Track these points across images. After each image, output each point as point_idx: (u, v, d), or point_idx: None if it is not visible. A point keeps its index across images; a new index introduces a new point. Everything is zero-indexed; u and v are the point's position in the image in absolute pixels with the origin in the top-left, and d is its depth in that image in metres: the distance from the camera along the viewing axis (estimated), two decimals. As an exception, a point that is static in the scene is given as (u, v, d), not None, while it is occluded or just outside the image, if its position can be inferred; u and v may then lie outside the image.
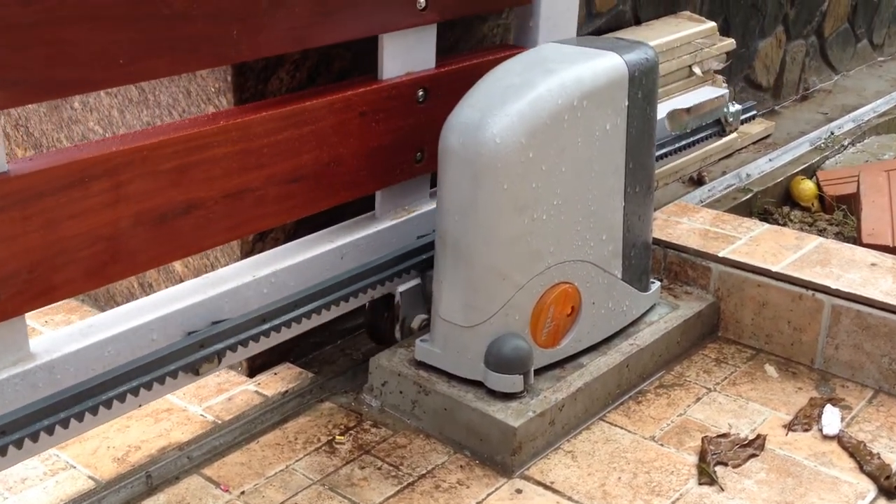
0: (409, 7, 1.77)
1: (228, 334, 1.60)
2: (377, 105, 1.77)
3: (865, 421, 1.86)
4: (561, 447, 1.76)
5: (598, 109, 1.75)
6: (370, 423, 1.82)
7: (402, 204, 1.94)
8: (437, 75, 1.88)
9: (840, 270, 2.05)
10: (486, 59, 1.97)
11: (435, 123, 1.82)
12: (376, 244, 1.87)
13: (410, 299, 1.94)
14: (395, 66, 1.81)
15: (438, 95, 1.88)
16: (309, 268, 1.76)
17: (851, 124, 3.59)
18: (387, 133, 1.81)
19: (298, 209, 1.72)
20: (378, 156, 1.81)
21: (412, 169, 1.90)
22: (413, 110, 1.84)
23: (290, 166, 1.66)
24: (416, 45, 1.84)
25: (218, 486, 1.64)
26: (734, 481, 1.68)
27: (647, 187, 1.93)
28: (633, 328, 2.00)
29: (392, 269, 1.87)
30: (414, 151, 1.88)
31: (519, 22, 2.10)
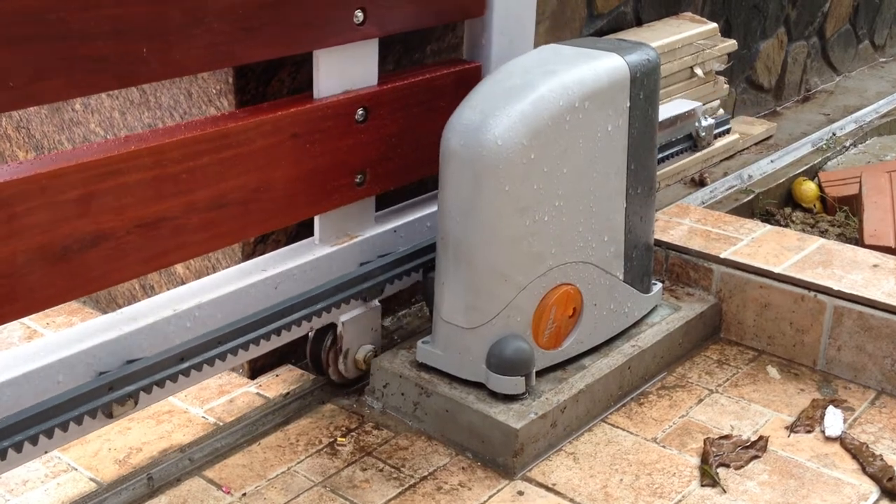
0: (345, 22, 1.67)
1: (142, 375, 1.50)
2: (311, 126, 1.67)
3: (868, 422, 1.86)
4: (563, 449, 1.76)
5: (600, 111, 1.75)
6: (372, 425, 1.82)
7: (344, 229, 1.84)
8: (380, 93, 1.78)
9: (842, 272, 2.05)
10: (436, 74, 1.88)
11: (377, 144, 1.79)
12: (315, 272, 1.77)
13: (355, 329, 1.86)
14: (331, 84, 1.71)
15: (381, 114, 1.78)
16: (238, 300, 1.65)
17: (853, 125, 3.59)
18: (323, 155, 1.70)
19: (225, 237, 1.61)
20: (314, 179, 1.70)
21: (353, 192, 1.79)
22: (352, 130, 1.74)
23: (213, 193, 1.55)
24: (355, 61, 1.74)
25: (219, 487, 1.64)
26: (736, 483, 1.68)
27: (648, 188, 1.93)
28: (635, 329, 2.00)
29: (332, 299, 1.76)
30: (354, 174, 1.78)
31: (471, 36, 1.99)
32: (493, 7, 1.92)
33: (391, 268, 1.87)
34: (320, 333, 1.85)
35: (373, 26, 1.71)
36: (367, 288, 1.83)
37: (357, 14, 1.67)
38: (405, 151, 1.86)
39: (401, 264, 1.89)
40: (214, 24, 1.47)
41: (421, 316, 2.21)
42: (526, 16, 2.01)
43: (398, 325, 2.18)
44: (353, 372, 1.89)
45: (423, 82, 1.86)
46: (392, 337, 2.13)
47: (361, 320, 1.87)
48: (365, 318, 1.88)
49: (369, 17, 1.69)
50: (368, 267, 1.83)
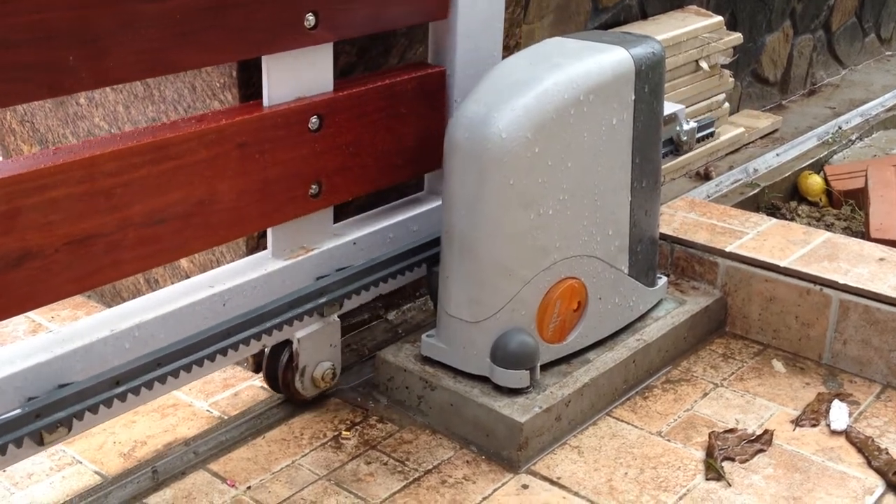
0: (295, 26, 1.59)
1: (73, 400, 1.41)
2: (260, 135, 1.59)
3: (873, 416, 1.86)
4: (567, 442, 1.76)
5: (605, 104, 1.74)
6: (376, 419, 1.82)
7: (298, 242, 1.75)
8: (335, 100, 1.69)
9: (848, 265, 2.04)
10: (396, 79, 1.80)
11: (333, 153, 1.71)
12: (267, 287, 1.69)
13: (312, 346, 1.77)
14: (282, 91, 1.63)
15: (337, 122, 1.70)
16: (182, 318, 1.57)
17: (859, 119, 3.58)
18: (274, 165, 1.63)
19: (166, 254, 1.54)
20: (264, 191, 1.63)
21: (308, 204, 1.71)
22: (305, 139, 1.66)
23: (151, 207, 1.47)
24: (308, 67, 1.65)
25: (224, 481, 1.64)
26: (741, 476, 1.67)
27: (653, 182, 1.92)
28: (640, 323, 1.99)
29: (285, 315, 1.68)
30: (308, 185, 1.70)
31: (436, 39, 1.91)
32: (457, 10, 1.84)
33: (350, 282, 1.79)
34: (277, 350, 1.78)
35: (326, 30, 1.63)
36: (324, 303, 1.74)
37: (308, 18, 1.59)
38: (364, 160, 1.78)
39: (360, 278, 1.81)
40: (148, 29, 1.39)
41: (425, 310, 2.21)
42: (493, 19, 1.93)
43: (402, 319, 2.18)
44: (312, 390, 1.81)
45: (383, 88, 1.78)
46: (396, 331, 2.13)
47: (319, 336, 1.78)
48: (323, 333, 1.79)
49: (322, 20, 1.61)
50: (325, 281, 1.74)
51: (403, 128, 1.83)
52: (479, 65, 1.91)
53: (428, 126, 1.88)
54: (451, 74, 1.90)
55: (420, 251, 1.92)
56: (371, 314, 2.15)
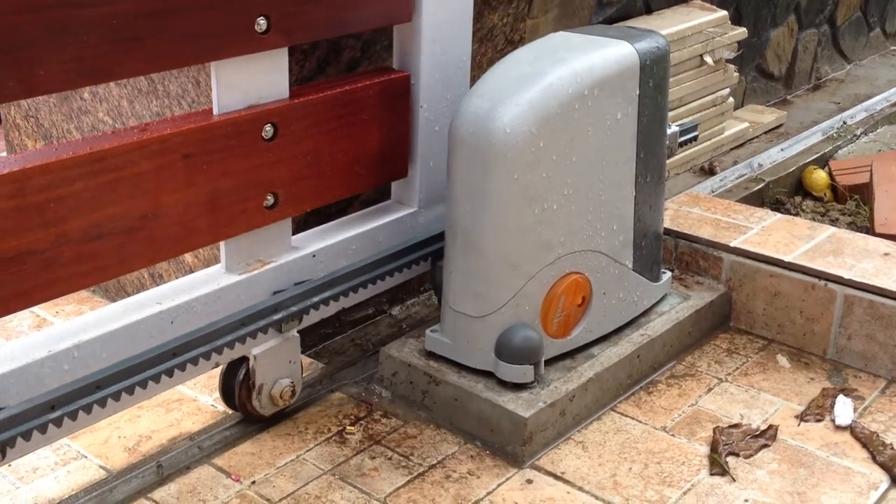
0: (246, 31, 1.52)
1: (5, 426, 1.34)
2: (209, 145, 1.53)
3: (878, 411, 1.85)
4: (571, 437, 1.76)
5: (609, 98, 1.74)
6: (380, 414, 1.82)
7: (254, 255, 1.69)
8: (291, 107, 1.63)
9: (853, 260, 2.04)
10: (357, 85, 1.74)
11: (290, 162, 1.65)
12: (219, 304, 1.62)
13: (269, 363, 1.71)
14: (233, 99, 1.57)
15: (293, 130, 1.64)
16: (126, 337, 1.50)
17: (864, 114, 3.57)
18: (224, 176, 1.56)
19: (107, 270, 1.47)
20: (215, 203, 1.57)
21: (263, 216, 1.65)
22: (259, 149, 1.60)
23: (89, 222, 1.40)
24: (261, 73, 1.59)
25: (229, 475, 1.64)
26: (746, 472, 1.67)
27: (658, 177, 1.92)
28: (644, 318, 1.99)
29: (239, 332, 1.62)
30: (263, 196, 1.64)
31: (400, 43, 1.84)
32: (421, 12, 1.78)
33: (308, 296, 1.72)
34: (233, 366, 1.71)
35: (279, 35, 1.57)
36: (281, 318, 1.68)
37: (259, 22, 1.53)
38: (323, 170, 1.72)
39: (319, 292, 1.74)
40: (84, 35, 1.32)
41: (429, 305, 2.21)
42: (461, 22, 1.87)
43: (407, 314, 2.18)
44: (270, 408, 1.74)
45: (343, 94, 1.72)
46: (400, 326, 2.13)
47: (277, 353, 1.71)
48: (281, 350, 1.72)
49: (274, 24, 1.55)
50: (282, 296, 1.68)
51: (365, 135, 1.77)
52: (446, 70, 1.86)
53: (391, 133, 1.83)
54: (416, 80, 1.84)
55: (384, 263, 1.85)
56: (375, 309, 2.15)
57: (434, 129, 1.89)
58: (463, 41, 1.89)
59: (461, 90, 1.90)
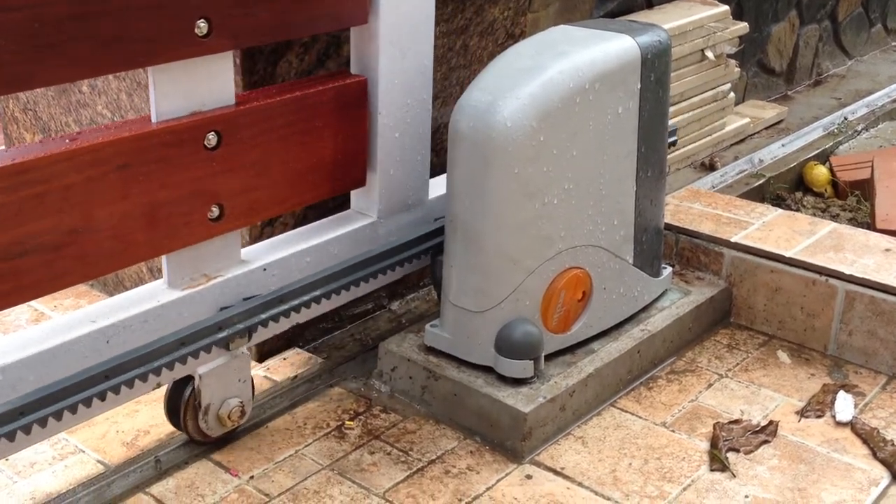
0: (184, 34, 1.44)
1: None
2: (146, 155, 1.45)
3: (879, 407, 1.85)
4: (571, 433, 1.75)
5: (611, 93, 1.73)
6: (379, 409, 1.81)
7: (199, 269, 1.61)
8: (237, 114, 1.55)
9: (854, 256, 2.03)
10: (310, 90, 1.66)
11: (236, 172, 1.57)
12: (160, 321, 1.54)
13: (216, 382, 1.62)
14: (173, 106, 1.48)
15: (240, 139, 1.56)
16: (55, 359, 1.42)
17: (865, 109, 3.57)
18: (162, 188, 1.48)
19: (32, 289, 1.39)
20: (154, 216, 1.49)
21: (208, 228, 1.57)
22: (201, 158, 1.52)
23: (11, 238, 1.33)
24: (203, 78, 1.50)
25: (227, 470, 1.64)
26: (746, 468, 1.67)
27: (659, 171, 1.91)
28: (645, 314, 1.98)
29: (181, 351, 1.53)
30: (207, 207, 1.56)
31: (357, 46, 1.76)
32: (379, 14, 1.70)
33: (257, 311, 1.64)
34: (180, 384, 1.63)
35: (222, 38, 1.48)
36: (227, 336, 1.59)
37: (199, 25, 1.45)
38: (274, 179, 1.65)
39: (270, 307, 1.66)
40: (2, 41, 1.25)
41: (429, 300, 2.20)
42: (422, 24, 1.78)
43: (406, 309, 2.17)
44: (217, 429, 1.66)
45: (293, 100, 1.63)
46: (400, 320, 2.12)
47: (225, 371, 1.62)
48: (229, 368, 1.63)
49: (216, 27, 1.47)
50: (228, 312, 1.60)
51: (319, 143, 1.69)
52: (406, 74, 1.78)
53: (348, 141, 1.75)
54: (374, 84, 1.75)
55: (341, 276, 1.76)
56: (375, 304, 2.15)
57: (394, 136, 1.81)
58: (424, 44, 1.81)
59: (423, 95, 1.83)
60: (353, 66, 1.78)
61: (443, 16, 2.07)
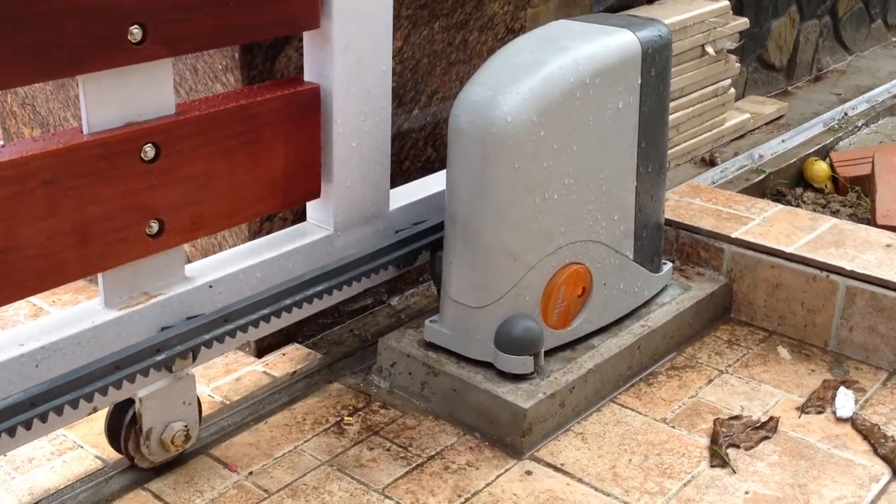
0: (116, 41, 1.36)
1: None
2: (75, 169, 1.37)
3: (880, 403, 1.84)
4: (571, 429, 1.75)
5: (611, 87, 1.73)
6: (379, 405, 1.81)
7: (138, 287, 1.53)
8: (176, 125, 1.47)
9: (855, 251, 2.03)
10: (257, 99, 1.58)
11: (176, 186, 1.49)
12: (95, 343, 1.46)
13: (158, 406, 1.54)
14: (105, 117, 1.40)
15: (180, 150, 1.48)
16: None
17: (865, 105, 3.56)
18: (94, 204, 1.40)
19: None
20: (85, 233, 1.41)
21: (146, 245, 1.49)
22: (137, 172, 1.44)
23: None
24: (139, 87, 1.42)
25: (226, 466, 1.63)
26: (746, 464, 1.66)
27: (659, 167, 1.90)
28: (645, 309, 1.98)
29: (117, 374, 1.45)
30: (144, 223, 1.48)
31: (311, 52, 1.68)
32: (331, 18, 1.62)
33: (201, 332, 1.56)
34: (122, 406, 1.55)
35: (158, 45, 1.41)
36: (166, 358, 1.51)
37: (133, 31, 1.37)
38: (220, 193, 1.57)
39: (214, 327, 1.57)
40: None
41: (429, 295, 2.20)
42: (379, 28, 1.71)
43: (405, 305, 2.17)
44: (160, 454, 1.58)
45: (239, 110, 1.55)
46: (399, 316, 2.12)
47: (167, 394, 1.55)
48: (172, 391, 1.56)
49: (151, 34, 1.39)
50: (169, 333, 1.52)
51: (269, 154, 1.62)
52: (362, 81, 1.71)
53: (300, 151, 1.68)
54: (328, 92, 1.68)
55: (294, 292, 1.68)
56: (374, 299, 2.14)
57: (351, 146, 1.73)
58: (382, 49, 1.73)
59: (381, 103, 1.76)
60: (306, 72, 1.71)
61: (442, 10, 2.07)
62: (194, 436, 1.62)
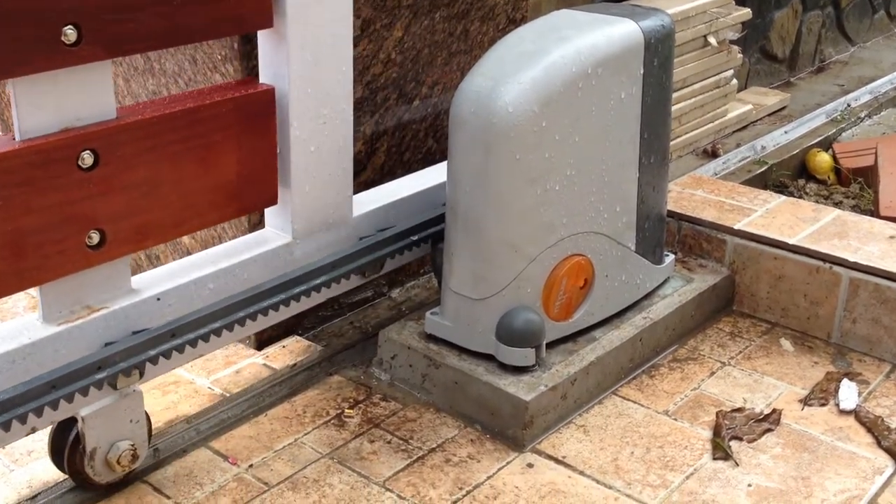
0: (49, 43, 1.28)
1: None
2: (6, 178, 1.30)
3: (883, 396, 1.83)
4: (573, 421, 1.74)
5: (613, 77, 1.71)
6: (379, 397, 1.80)
7: (80, 301, 1.45)
8: (117, 130, 1.39)
9: (858, 243, 2.02)
10: (205, 102, 1.50)
11: (117, 195, 1.41)
12: (33, 359, 1.38)
13: (103, 424, 1.47)
14: (39, 122, 1.32)
15: (121, 157, 1.40)
16: None
17: (868, 96, 3.55)
18: (28, 214, 1.33)
19: None
20: (17, 245, 1.33)
21: (86, 257, 1.41)
22: (74, 180, 1.36)
23: None
24: (75, 91, 1.34)
25: (226, 459, 1.63)
26: (749, 456, 1.66)
27: (661, 158, 1.89)
28: (647, 301, 1.97)
29: (51, 395, 1.37)
30: (84, 234, 1.40)
31: (265, 52, 1.61)
32: (286, 17, 1.54)
33: (147, 347, 1.48)
34: (66, 425, 1.48)
35: (94, 46, 1.32)
36: (107, 376, 1.43)
37: (67, 32, 1.29)
38: (166, 201, 1.49)
39: (161, 342, 1.49)
40: None
41: (429, 287, 2.19)
42: (338, 27, 1.63)
43: (406, 297, 2.16)
44: (107, 475, 1.51)
45: (185, 113, 1.47)
46: (400, 308, 2.11)
47: (113, 412, 1.48)
48: (118, 409, 1.48)
49: (87, 35, 1.31)
50: (113, 348, 1.44)
51: (220, 159, 1.54)
52: (321, 82, 1.63)
53: (254, 156, 1.60)
54: (284, 93, 1.60)
55: (249, 304, 1.61)
56: (374, 291, 2.13)
57: (310, 150, 1.66)
58: (341, 48, 1.65)
59: (341, 105, 1.68)
60: (261, 74, 1.63)
61: (443, 0, 2.05)
62: (142, 455, 1.55)
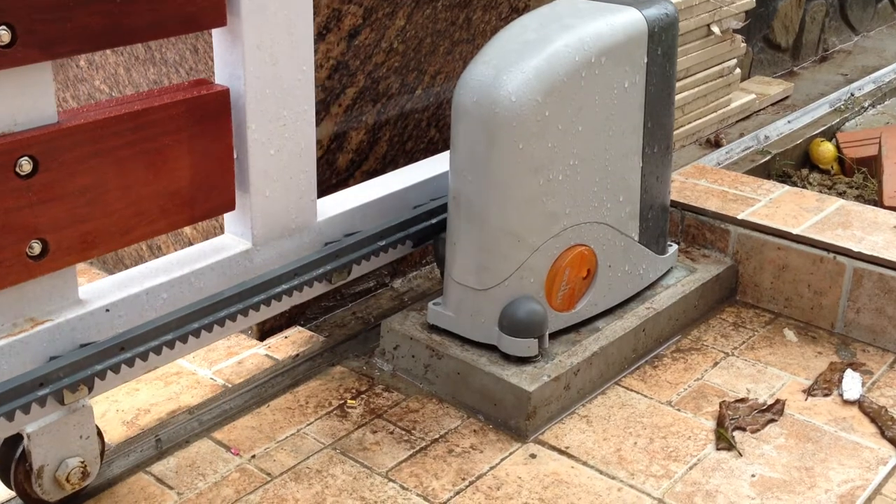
0: None
1: None
2: None
3: (887, 386, 1.83)
4: (576, 412, 1.74)
5: (617, 66, 1.70)
6: (382, 388, 1.79)
7: (23, 313, 1.38)
8: (58, 135, 1.32)
9: (862, 233, 2.01)
10: (155, 104, 1.43)
11: (60, 203, 1.35)
12: None
13: (50, 441, 1.41)
14: None
15: (63, 163, 1.33)
16: None
17: (872, 86, 3.53)
18: None
19: None
20: None
21: (27, 268, 1.35)
22: (12, 188, 1.29)
23: None
24: (11, 94, 1.28)
25: (228, 449, 1.62)
26: (753, 446, 1.65)
27: (665, 147, 1.88)
28: (650, 292, 1.96)
29: (1, 408, 1.32)
30: (24, 243, 1.33)
31: (220, 51, 1.54)
32: (240, 15, 1.48)
33: (94, 361, 1.41)
34: (13, 441, 1.42)
35: (30, 48, 1.26)
36: (55, 390, 1.37)
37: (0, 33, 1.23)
38: (112, 209, 1.42)
39: (109, 355, 1.42)
40: None
41: (432, 277, 2.18)
42: (296, 24, 1.56)
43: (408, 287, 2.15)
44: (55, 493, 1.45)
45: (132, 116, 1.40)
46: (402, 299, 2.11)
47: (60, 428, 1.41)
48: (66, 424, 1.42)
49: (22, 36, 1.25)
50: (58, 363, 1.37)
51: (171, 164, 1.47)
52: (280, 83, 1.57)
53: (208, 160, 1.52)
54: (239, 95, 1.53)
55: (204, 314, 1.54)
56: (377, 282, 2.13)
57: (269, 153, 1.59)
58: (301, 47, 1.58)
59: (303, 106, 1.62)
60: (217, 74, 1.56)
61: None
62: (94, 471, 1.49)
